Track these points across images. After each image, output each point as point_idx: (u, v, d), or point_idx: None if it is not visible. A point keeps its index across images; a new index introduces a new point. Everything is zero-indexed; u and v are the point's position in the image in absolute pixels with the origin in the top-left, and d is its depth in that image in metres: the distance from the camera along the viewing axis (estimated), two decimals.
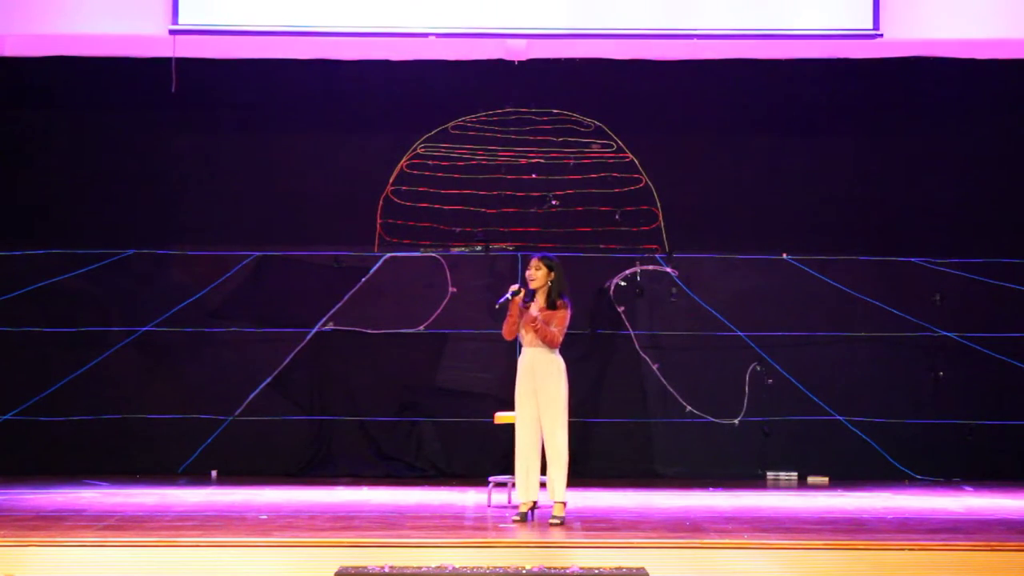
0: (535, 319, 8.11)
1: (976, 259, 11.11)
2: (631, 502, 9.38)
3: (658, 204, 11.18)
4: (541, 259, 8.26)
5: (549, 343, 8.13)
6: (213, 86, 11.05)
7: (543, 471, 8.24)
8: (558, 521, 8.01)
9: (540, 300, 8.21)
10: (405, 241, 11.17)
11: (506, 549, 7.20)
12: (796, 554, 7.11)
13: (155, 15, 10.09)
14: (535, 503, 8.21)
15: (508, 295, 8.21)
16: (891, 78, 11.10)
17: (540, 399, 8.13)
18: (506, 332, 8.27)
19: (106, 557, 7.07)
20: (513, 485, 8.51)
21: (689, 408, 11.07)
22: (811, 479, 10.91)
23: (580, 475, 10.45)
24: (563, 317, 8.14)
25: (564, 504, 8.13)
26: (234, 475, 10.79)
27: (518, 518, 8.10)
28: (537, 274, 8.20)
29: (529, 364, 8.19)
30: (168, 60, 10.27)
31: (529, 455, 8.16)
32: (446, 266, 11.17)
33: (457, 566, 6.88)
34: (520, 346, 8.33)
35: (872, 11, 10.01)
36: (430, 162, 11.22)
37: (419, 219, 11.16)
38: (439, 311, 11.11)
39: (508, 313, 8.22)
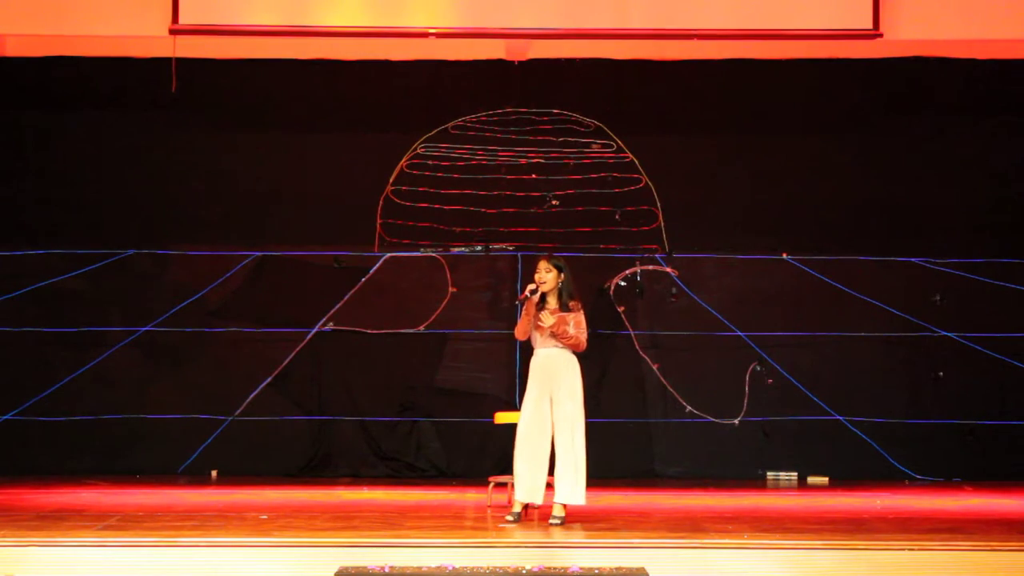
0: (558, 329, 8.01)
1: (976, 259, 11.11)
2: (631, 502, 9.38)
3: (658, 204, 11.19)
4: (550, 262, 8.14)
5: (575, 347, 8.08)
6: (213, 86, 11.05)
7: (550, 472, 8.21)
8: (558, 521, 7.99)
9: (552, 302, 8.12)
10: (405, 241, 11.18)
11: (506, 549, 7.19)
12: (796, 554, 7.11)
13: (155, 15, 10.09)
14: (527, 505, 8.14)
15: (527, 293, 8.10)
16: (891, 78, 11.10)
17: (556, 400, 8.04)
18: (520, 332, 8.13)
19: (106, 557, 7.07)
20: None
21: (689, 408, 11.07)
22: (811, 479, 10.91)
23: None
24: (579, 320, 8.07)
25: (564, 505, 8.09)
26: (234, 475, 10.79)
27: (512, 518, 8.04)
28: (548, 276, 8.09)
29: (543, 365, 8.09)
30: (168, 60, 10.27)
31: (533, 457, 8.06)
32: (446, 266, 11.17)
33: (457, 566, 6.88)
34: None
35: (872, 11, 10.01)
36: (430, 162, 11.22)
37: (419, 219, 11.17)
38: (439, 311, 11.11)
39: (524, 312, 8.13)
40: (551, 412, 8.06)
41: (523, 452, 8.07)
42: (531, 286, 8.09)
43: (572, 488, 8.03)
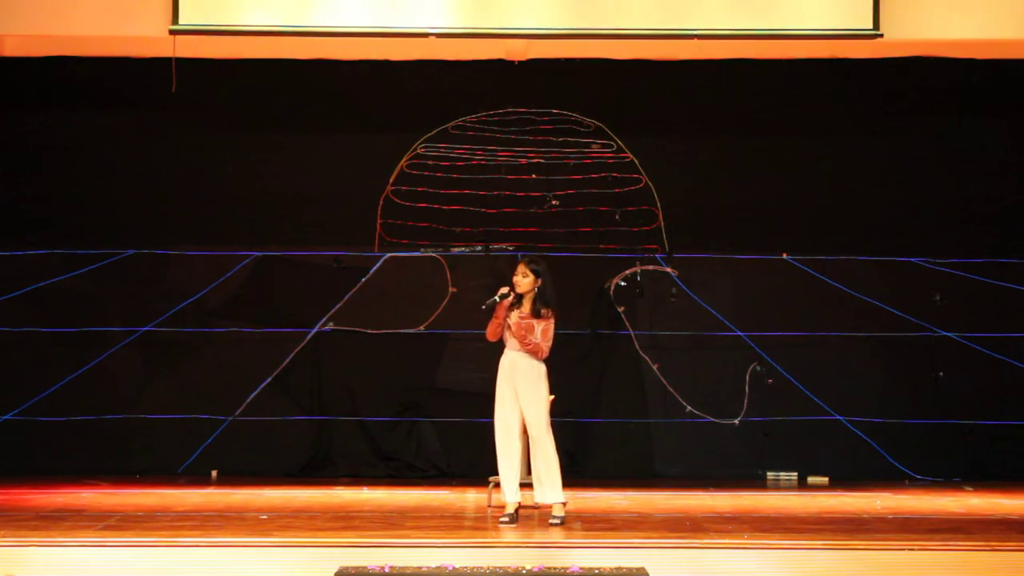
0: (524, 337, 8.05)
1: (976, 259, 11.11)
2: (631, 502, 9.38)
3: (658, 204, 11.19)
4: (528, 266, 8.15)
5: (533, 353, 8.09)
6: (213, 86, 11.05)
7: (528, 472, 8.25)
8: (558, 521, 8.01)
9: (525, 306, 8.16)
10: (405, 241, 11.18)
11: (506, 549, 7.20)
12: (796, 554, 7.12)
13: (155, 15, 10.07)
14: (520, 504, 8.18)
15: (496, 297, 8.16)
16: (891, 78, 11.10)
17: (521, 402, 8.10)
18: (490, 334, 8.20)
19: (106, 557, 7.08)
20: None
21: (689, 408, 11.07)
22: (811, 479, 10.91)
23: (580, 475, 10.49)
24: (547, 329, 8.09)
25: (564, 504, 8.12)
26: (234, 475, 10.79)
27: (507, 519, 8.06)
28: (524, 281, 8.13)
29: (509, 366, 8.15)
30: (168, 60, 10.26)
31: (512, 456, 8.14)
32: (446, 266, 11.17)
33: (457, 566, 6.88)
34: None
35: (872, 11, 9.99)
36: (430, 162, 11.22)
37: (419, 219, 11.17)
38: (439, 311, 11.11)
39: (494, 315, 8.16)
40: (520, 413, 8.09)
41: (501, 453, 8.15)
42: (503, 289, 8.14)
43: (548, 488, 8.09)
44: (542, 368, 8.13)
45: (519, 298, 8.14)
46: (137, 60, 10.94)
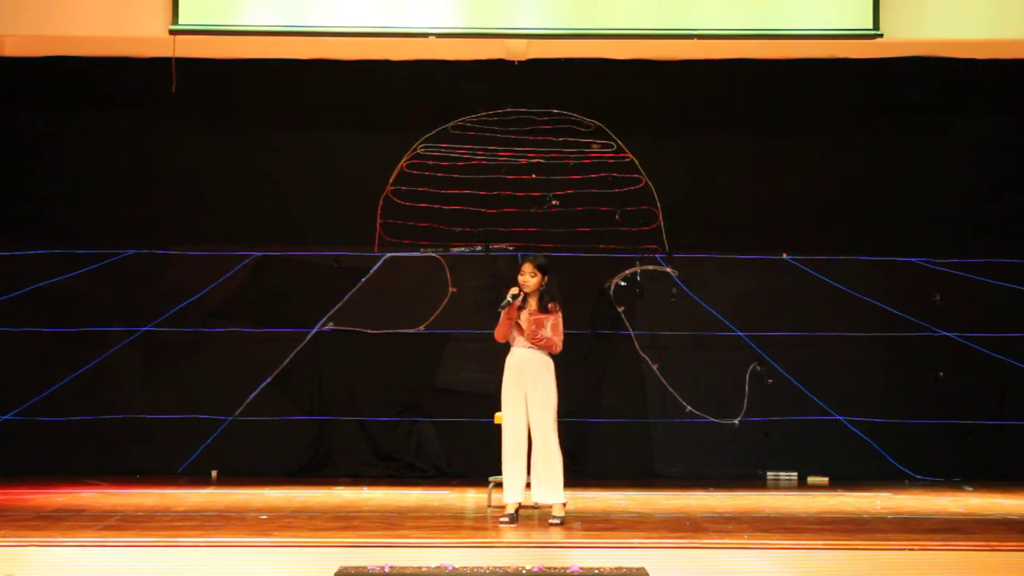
0: (535, 333, 8.08)
1: (976, 259, 11.11)
2: (631, 502, 9.38)
3: (658, 204, 11.19)
4: (534, 263, 8.20)
5: (547, 348, 8.13)
6: (213, 86, 11.05)
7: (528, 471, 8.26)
8: (558, 521, 8.01)
9: (532, 303, 8.21)
10: (405, 241, 11.18)
11: (506, 549, 7.20)
12: (796, 554, 7.12)
13: (155, 15, 10.08)
14: (520, 504, 8.19)
15: (508, 298, 8.17)
16: (891, 78, 11.10)
17: (530, 400, 8.12)
18: (500, 335, 8.24)
19: (106, 557, 7.08)
20: None
21: (689, 408, 11.07)
22: (811, 479, 10.90)
23: (580, 475, 10.47)
24: (556, 323, 8.13)
25: (564, 504, 8.13)
26: (234, 475, 10.79)
27: (507, 519, 8.07)
28: (532, 280, 8.17)
29: (519, 364, 8.17)
30: (168, 60, 10.26)
31: (518, 455, 8.15)
32: (446, 266, 11.17)
33: (457, 566, 6.89)
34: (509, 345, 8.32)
35: (872, 11, 10.00)
36: (430, 162, 11.22)
37: (419, 219, 11.17)
38: (439, 311, 11.11)
39: (505, 315, 8.19)
40: (527, 411, 8.11)
41: (506, 452, 8.15)
42: (513, 290, 8.17)
43: (548, 488, 8.09)
44: (551, 363, 8.16)
45: (525, 297, 8.19)
46: (137, 60, 10.93)
